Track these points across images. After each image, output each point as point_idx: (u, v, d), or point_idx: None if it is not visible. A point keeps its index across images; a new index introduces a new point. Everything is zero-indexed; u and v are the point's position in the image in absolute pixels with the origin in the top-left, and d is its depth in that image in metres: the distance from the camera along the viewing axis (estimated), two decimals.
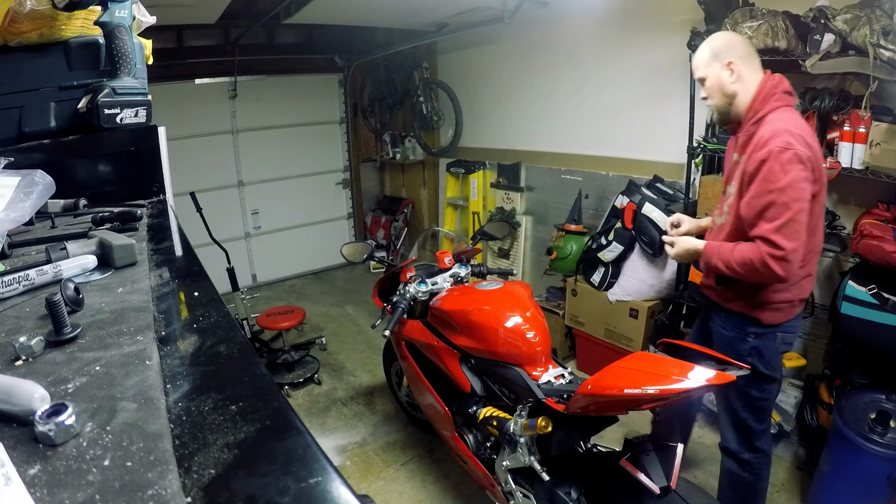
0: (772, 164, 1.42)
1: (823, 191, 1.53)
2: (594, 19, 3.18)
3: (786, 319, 1.64)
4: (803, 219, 1.43)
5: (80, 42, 1.17)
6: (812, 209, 1.46)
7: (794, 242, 1.41)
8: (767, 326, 1.63)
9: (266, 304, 4.26)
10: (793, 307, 1.64)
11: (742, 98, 1.57)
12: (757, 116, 1.54)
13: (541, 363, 1.70)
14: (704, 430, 2.64)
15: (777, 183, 1.41)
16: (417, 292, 2.12)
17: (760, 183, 1.45)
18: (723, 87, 1.58)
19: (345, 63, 5.28)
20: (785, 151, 1.41)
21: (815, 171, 1.45)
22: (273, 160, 5.09)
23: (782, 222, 1.41)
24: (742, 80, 1.55)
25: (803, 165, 1.41)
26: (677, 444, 1.39)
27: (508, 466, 1.70)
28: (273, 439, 0.43)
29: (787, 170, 1.40)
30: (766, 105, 1.52)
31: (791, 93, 1.56)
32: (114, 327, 0.62)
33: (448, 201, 4.76)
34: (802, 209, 1.42)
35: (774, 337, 1.65)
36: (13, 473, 0.36)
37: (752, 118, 1.55)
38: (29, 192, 0.85)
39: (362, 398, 3.14)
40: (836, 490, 1.95)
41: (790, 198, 1.41)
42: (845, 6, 1.94)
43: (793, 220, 1.41)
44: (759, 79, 1.55)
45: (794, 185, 1.40)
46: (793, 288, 1.59)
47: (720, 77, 1.57)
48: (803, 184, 1.41)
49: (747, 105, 1.57)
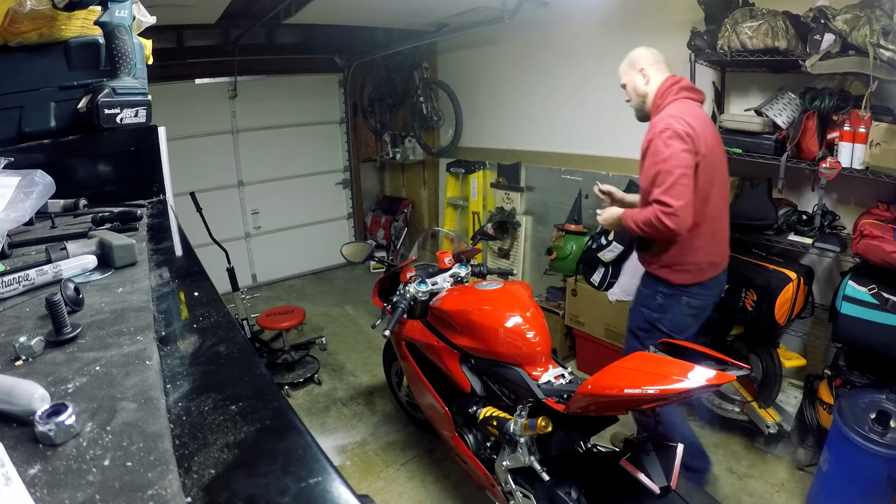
0: (656, 141, 1.77)
1: (707, 163, 1.80)
2: (594, 19, 3.18)
3: (693, 282, 1.91)
4: (686, 182, 1.73)
5: (80, 42, 1.16)
6: (698, 177, 1.77)
7: (681, 201, 1.71)
8: (674, 287, 1.92)
9: (266, 304, 4.26)
10: (701, 270, 1.91)
11: (650, 97, 1.93)
12: (658, 109, 1.89)
13: (541, 363, 1.70)
14: (704, 429, 2.64)
15: (661, 155, 1.76)
16: (417, 292, 2.11)
17: (649, 158, 1.80)
18: (637, 89, 1.96)
19: (345, 63, 5.28)
20: (665, 130, 1.76)
21: (696, 145, 1.76)
22: (273, 160, 5.08)
23: (668, 185, 1.72)
24: (650, 82, 1.93)
25: (681, 140, 1.74)
26: (677, 444, 1.39)
27: (508, 466, 1.70)
28: (273, 439, 0.43)
29: (668, 144, 1.74)
30: (665, 99, 1.88)
31: (691, 88, 1.92)
32: (114, 327, 0.62)
33: (448, 201, 4.76)
34: (684, 174, 1.73)
35: (680, 299, 1.93)
36: (13, 473, 0.36)
37: (655, 111, 1.90)
38: (29, 192, 0.85)
39: (362, 398, 3.14)
40: (836, 490, 1.95)
41: (672, 166, 1.73)
42: (845, 6, 1.94)
43: (676, 182, 1.72)
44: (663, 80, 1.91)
45: (674, 156, 1.73)
46: (697, 251, 1.87)
47: (635, 81, 1.96)
48: (683, 154, 1.73)
49: (652, 101, 1.92)
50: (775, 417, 2.41)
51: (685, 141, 1.74)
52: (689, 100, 1.89)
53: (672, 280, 1.91)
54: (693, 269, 1.90)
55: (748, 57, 2.23)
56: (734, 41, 2.22)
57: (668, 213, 1.72)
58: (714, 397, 2.59)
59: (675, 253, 1.88)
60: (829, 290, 2.37)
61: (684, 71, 2.59)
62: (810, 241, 2.23)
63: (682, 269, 1.89)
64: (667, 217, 1.72)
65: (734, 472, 2.35)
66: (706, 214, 1.84)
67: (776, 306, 2.20)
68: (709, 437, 2.59)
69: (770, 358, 2.42)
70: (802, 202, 2.47)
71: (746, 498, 2.20)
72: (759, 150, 2.33)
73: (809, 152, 2.19)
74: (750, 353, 2.51)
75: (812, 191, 2.29)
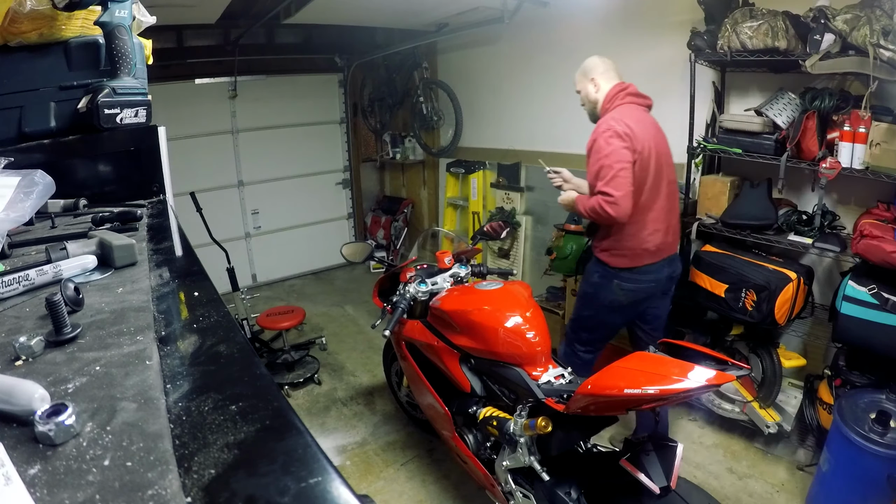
0: (599, 140, 2.00)
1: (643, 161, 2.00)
2: (594, 19, 3.18)
3: (626, 266, 2.12)
4: (626, 175, 1.94)
5: (80, 42, 1.16)
6: (636, 172, 1.98)
7: (621, 191, 1.93)
8: (610, 269, 2.15)
9: (266, 304, 4.26)
10: (636, 256, 2.11)
11: (600, 102, 2.16)
12: (606, 112, 2.10)
13: (541, 363, 1.70)
14: (704, 429, 2.64)
15: (603, 152, 1.97)
16: (417, 292, 2.11)
17: (593, 155, 2.02)
18: (588, 96, 2.19)
19: (345, 63, 5.28)
20: (607, 130, 1.98)
21: (633, 144, 1.97)
22: (273, 160, 5.08)
23: (609, 178, 1.94)
24: (600, 90, 2.15)
25: (621, 138, 1.96)
26: (677, 444, 1.39)
27: (508, 466, 1.70)
28: (273, 439, 0.43)
29: (608, 142, 1.96)
30: (612, 104, 2.11)
31: (636, 94, 2.13)
32: (114, 327, 0.62)
33: (448, 201, 4.76)
34: (624, 168, 1.94)
35: (612, 280, 2.15)
36: (13, 473, 0.36)
37: (603, 114, 2.11)
38: (29, 192, 0.85)
39: (362, 398, 3.14)
40: (836, 490, 1.95)
41: (613, 161, 1.94)
42: (845, 6, 1.94)
43: (616, 175, 1.93)
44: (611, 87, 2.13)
45: (615, 153, 1.95)
46: (631, 238, 2.08)
47: (587, 89, 2.19)
48: (622, 151, 1.95)
49: (601, 106, 2.14)
50: (775, 417, 2.41)
51: (624, 139, 1.96)
52: (634, 104, 2.11)
53: (609, 263, 2.15)
54: (629, 255, 2.11)
55: (748, 57, 2.23)
56: (734, 41, 2.23)
57: (610, 202, 1.93)
58: (714, 397, 2.60)
59: (613, 239, 2.12)
60: (829, 290, 2.37)
61: (684, 71, 2.59)
62: (810, 241, 2.23)
63: (619, 254, 2.12)
64: (608, 205, 1.93)
65: (734, 472, 2.35)
66: (640, 206, 2.05)
67: (776, 306, 2.21)
68: (709, 437, 2.59)
69: (770, 358, 2.42)
70: (802, 202, 2.47)
71: (746, 498, 2.20)
72: (759, 150, 2.34)
73: (809, 152, 2.19)
74: (750, 353, 2.51)
75: (812, 191, 2.29)
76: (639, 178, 2.01)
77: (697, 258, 2.51)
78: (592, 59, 2.20)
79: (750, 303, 2.28)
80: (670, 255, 2.20)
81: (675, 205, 2.22)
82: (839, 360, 2.16)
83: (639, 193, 2.02)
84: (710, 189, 2.57)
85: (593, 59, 2.20)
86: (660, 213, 2.11)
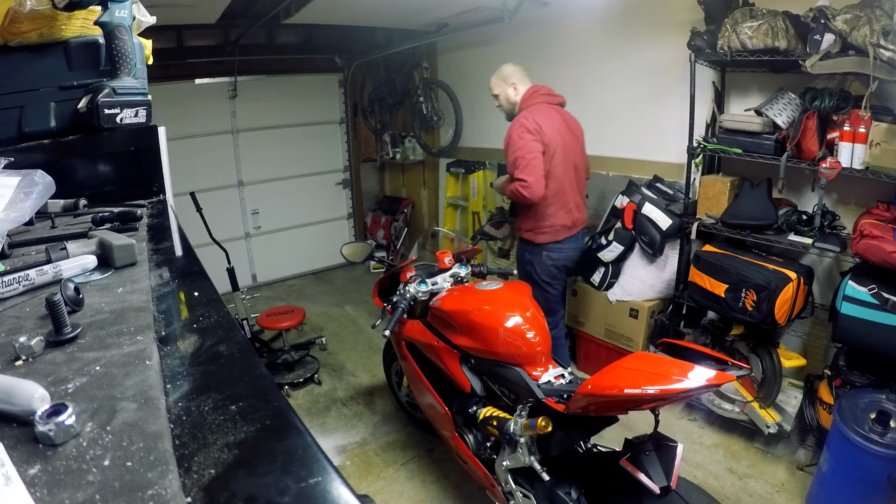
0: (512, 136, 2.40)
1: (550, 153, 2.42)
2: (594, 19, 3.18)
3: (550, 241, 2.56)
4: (537, 163, 2.35)
5: (80, 42, 1.16)
6: (547, 161, 2.40)
7: (532, 176, 2.33)
8: (537, 246, 2.58)
9: (266, 304, 4.26)
10: (556, 231, 2.55)
11: (518, 104, 2.54)
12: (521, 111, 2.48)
13: (541, 363, 1.70)
14: (704, 429, 2.64)
15: (516, 145, 2.37)
16: (417, 292, 2.11)
17: (509, 149, 2.42)
18: (509, 99, 2.58)
19: (345, 63, 5.28)
20: (519, 127, 2.38)
21: (542, 137, 2.38)
22: (273, 160, 5.08)
23: (523, 166, 2.34)
24: (518, 92, 2.55)
25: (530, 133, 2.36)
26: (677, 444, 1.39)
27: (508, 466, 1.70)
28: (273, 439, 0.43)
29: (521, 136, 2.36)
30: (526, 105, 2.50)
31: (548, 94, 2.55)
32: (114, 327, 0.62)
33: (448, 201, 4.76)
34: (534, 157, 2.35)
35: (541, 254, 2.58)
36: (13, 473, 0.36)
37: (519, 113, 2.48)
38: (29, 192, 0.85)
39: (362, 398, 3.14)
40: (836, 490, 1.95)
41: (525, 152, 2.34)
42: (845, 6, 1.94)
43: (529, 164, 2.34)
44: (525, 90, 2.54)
45: (526, 146, 2.35)
46: (549, 217, 2.51)
47: (507, 92, 2.57)
48: (532, 143, 2.36)
49: (519, 106, 2.53)
50: (775, 417, 2.41)
51: (533, 134, 2.37)
52: (546, 103, 2.51)
53: (534, 240, 2.58)
54: (549, 231, 2.55)
55: (748, 57, 2.23)
56: (734, 41, 2.22)
57: (525, 186, 2.34)
58: (714, 397, 2.60)
59: (535, 220, 2.53)
60: (829, 290, 2.37)
61: (684, 71, 2.59)
62: (810, 241, 2.23)
63: (541, 232, 2.55)
64: (524, 189, 2.34)
65: (734, 472, 2.35)
66: (554, 190, 2.47)
67: (776, 306, 2.21)
68: (709, 437, 2.59)
69: (770, 358, 2.42)
70: (802, 202, 2.47)
71: (746, 498, 2.20)
72: (759, 150, 2.34)
73: (809, 152, 2.19)
74: (750, 353, 2.51)
75: (812, 191, 2.29)
76: (550, 165, 2.42)
77: (697, 258, 2.51)
78: (509, 67, 2.59)
79: (750, 303, 2.28)
80: (583, 227, 2.71)
81: (584, 187, 2.69)
82: (839, 360, 2.16)
83: (551, 179, 2.44)
84: (710, 189, 2.57)
85: (509, 66, 2.60)
86: (572, 195, 2.56)
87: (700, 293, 2.49)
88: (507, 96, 2.57)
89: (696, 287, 2.50)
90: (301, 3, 3.37)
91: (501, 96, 2.59)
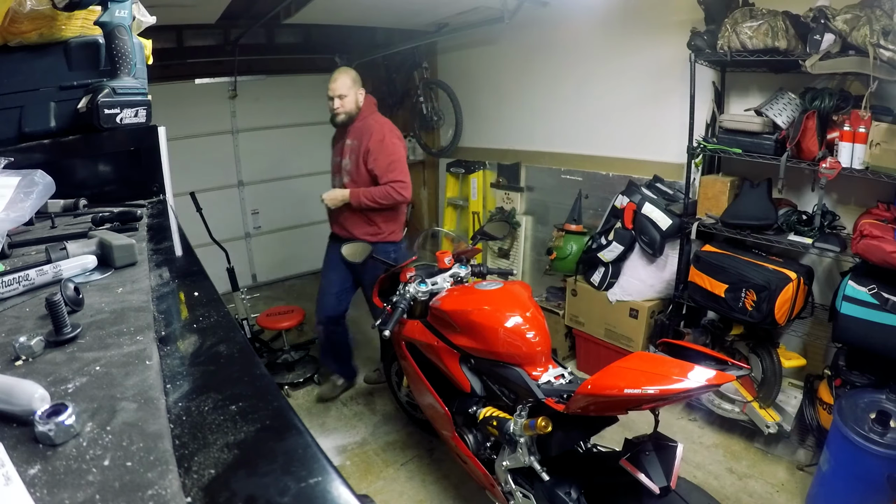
0: (386, 141, 2.62)
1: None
2: (594, 19, 3.18)
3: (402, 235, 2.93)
4: (406, 165, 2.65)
5: (80, 42, 1.16)
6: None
7: (407, 178, 2.64)
8: (398, 242, 2.92)
9: (266, 304, 4.26)
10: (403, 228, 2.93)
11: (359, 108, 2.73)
12: (363, 117, 2.72)
13: (541, 363, 1.70)
14: (704, 429, 2.64)
15: (390, 149, 2.62)
16: (417, 292, 2.11)
17: (384, 151, 2.60)
18: (357, 102, 2.72)
19: (345, 63, 5.26)
20: (390, 133, 2.67)
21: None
22: (273, 160, 5.07)
23: (400, 168, 2.61)
24: (361, 98, 2.73)
25: (399, 139, 2.69)
26: (677, 444, 1.39)
27: (508, 466, 1.70)
28: (273, 439, 0.43)
29: (393, 143, 2.65)
30: (367, 110, 2.75)
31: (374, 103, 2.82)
32: (114, 327, 0.62)
33: (448, 201, 4.76)
34: (405, 159, 2.67)
35: (400, 248, 2.92)
36: (13, 473, 0.36)
37: (360, 118, 2.72)
38: (29, 192, 0.85)
39: (362, 398, 3.14)
40: (836, 490, 1.95)
41: (400, 155, 2.65)
42: (845, 6, 1.94)
43: (403, 166, 2.63)
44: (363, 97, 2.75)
45: (398, 150, 2.65)
46: (400, 216, 2.87)
47: (356, 96, 2.71)
48: (402, 148, 2.68)
49: (359, 112, 2.72)
50: (775, 417, 2.41)
51: (401, 139, 2.71)
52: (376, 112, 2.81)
53: (396, 239, 2.89)
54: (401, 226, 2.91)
55: (748, 57, 2.23)
56: (734, 41, 2.22)
57: (403, 186, 2.60)
58: (714, 397, 2.60)
59: (394, 222, 2.84)
60: (829, 290, 2.37)
61: (684, 71, 2.59)
62: (810, 241, 2.23)
63: (400, 229, 2.90)
64: (403, 189, 2.61)
65: (734, 472, 2.35)
66: None
67: (776, 306, 2.21)
68: (709, 437, 2.59)
69: (770, 358, 2.42)
70: (802, 202, 2.47)
71: (746, 498, 2.20)
72: (759, 150, 2.33)
73: (809, 152, 2.19)
74: (750, 353, 2.51)
75: (812, 191, 2.29)
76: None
77: (697, 258, 2.51)
78: (354, 72, 2.76)
79: (750, 303, 2.28)
80: None
81: None
82: (839, 360, 2.16)
83: None
84: (710, 189, 2.57)
85: (353, 71, 2.76)
86: None
87: (700, 293, 2.49)
88: (357, 100, 2.70)
89: (695, 287, 2.50)
90: (301, 3, 3.37)
91: (350, 98, 2.68)
